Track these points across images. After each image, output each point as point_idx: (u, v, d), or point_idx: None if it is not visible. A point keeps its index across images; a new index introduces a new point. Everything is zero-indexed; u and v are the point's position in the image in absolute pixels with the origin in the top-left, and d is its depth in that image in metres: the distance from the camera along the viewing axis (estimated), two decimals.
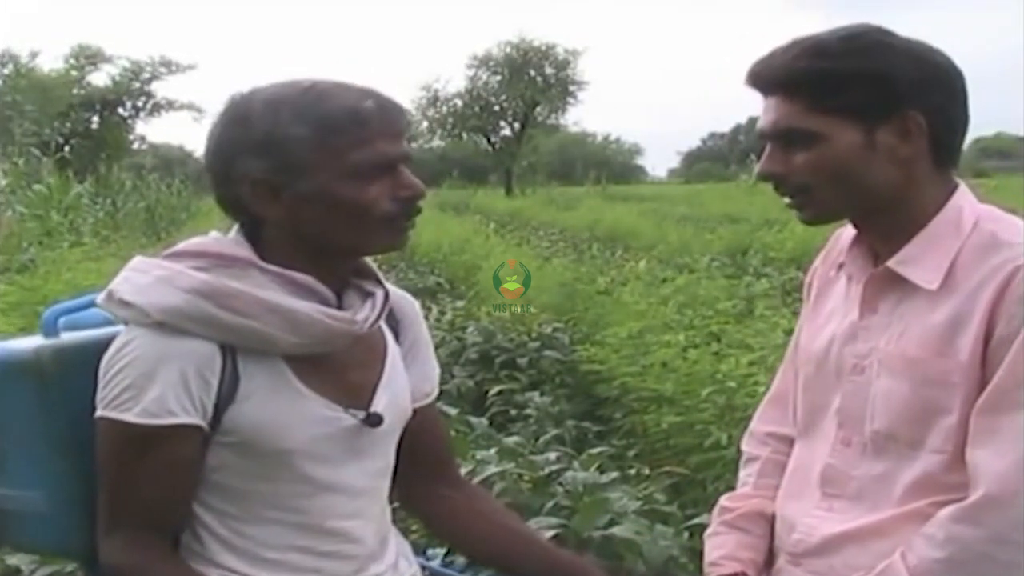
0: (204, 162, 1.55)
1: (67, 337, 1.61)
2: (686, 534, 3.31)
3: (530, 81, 49.93)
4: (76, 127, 39.37)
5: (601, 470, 3.69)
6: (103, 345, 1.50)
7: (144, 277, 1.50)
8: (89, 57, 41.23)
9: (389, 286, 1.64)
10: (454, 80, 70.33)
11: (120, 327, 1.53)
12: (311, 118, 1.46)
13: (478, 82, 51.50)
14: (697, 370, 4.71)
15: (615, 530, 3.08)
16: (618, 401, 5.29)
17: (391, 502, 1.71)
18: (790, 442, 1.77)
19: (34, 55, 36.84)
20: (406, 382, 1.67)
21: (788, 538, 1.67)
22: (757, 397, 3.17)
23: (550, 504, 3.32)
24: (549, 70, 50.32)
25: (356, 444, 1.57)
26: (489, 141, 52.16)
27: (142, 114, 43.04)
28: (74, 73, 40.27)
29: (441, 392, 1.83)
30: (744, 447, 1.86)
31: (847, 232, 1.70)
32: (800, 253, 10.93)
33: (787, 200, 1.61)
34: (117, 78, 41.79)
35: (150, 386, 1.44)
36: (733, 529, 1.75)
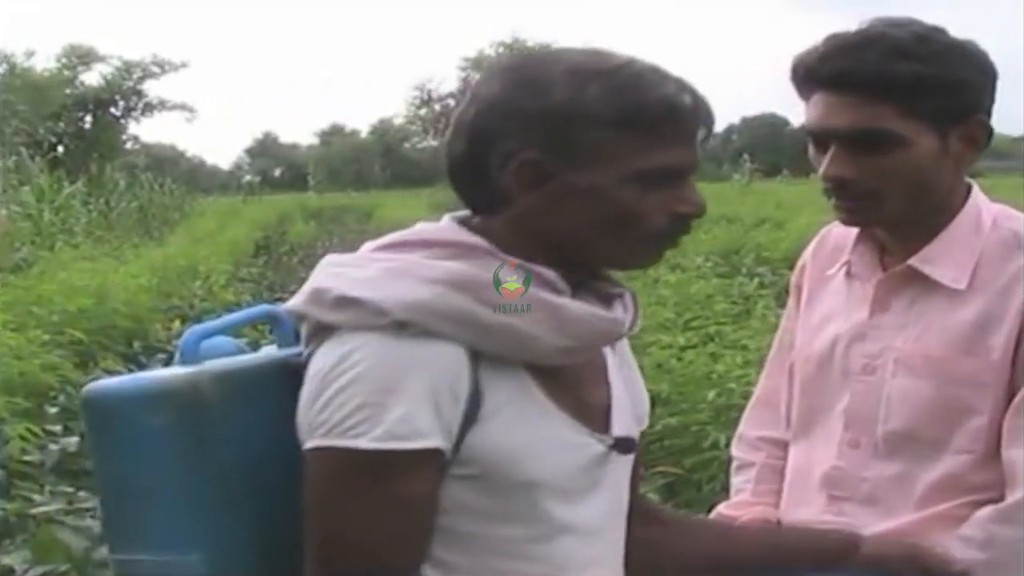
0: (459, 121, 1.26)
1: (214, 364, 1.27)
2: None
3: None
4: (69, 127, 39.38)
5: None
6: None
7: (365, 270, 1.21)
8: (81, 56, 41.29)
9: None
10: (447, 80, 70.36)
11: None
12: (622, 102, 1.20)
13: (471, 82, 51.48)
14: (692, 371, 4.70)
15: None
16: None
17: None
18: (784, 446, 1.73)
19: (30, 55, 36.88)
20: (630, 403, 1.39)
21: None
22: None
23: None
24: None
25: (596, 476, 1.29)
26: None
27: (134, 114, 43.10)
28: (66, 73, 40.33)
29: None
30: (735, 452, 1.81)
31: (836, 231, 1.68)
32: (794, 253, 10.92)
33: (835, 202, 1.55)
34: (109, 77, 41.83)
35: (393, 402, 1.15)
36: None
